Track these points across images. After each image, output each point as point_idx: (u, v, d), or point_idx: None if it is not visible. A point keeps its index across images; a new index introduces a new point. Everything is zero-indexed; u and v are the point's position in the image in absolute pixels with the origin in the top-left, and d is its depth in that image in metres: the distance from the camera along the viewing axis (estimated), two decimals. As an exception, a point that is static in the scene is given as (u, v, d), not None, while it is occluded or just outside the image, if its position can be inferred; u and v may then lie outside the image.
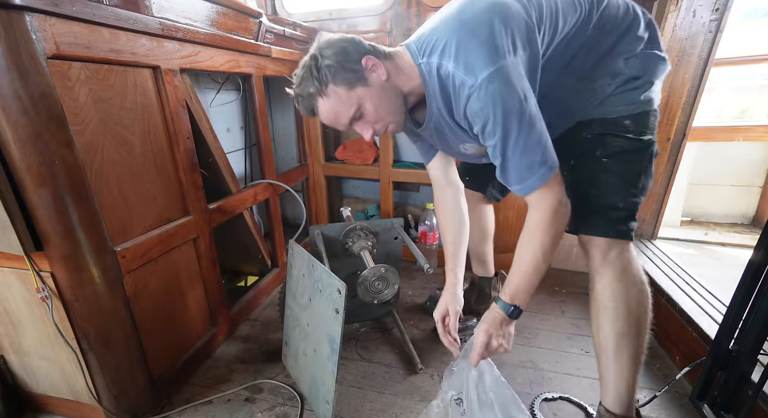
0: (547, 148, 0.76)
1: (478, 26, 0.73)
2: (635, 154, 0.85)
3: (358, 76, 0.82)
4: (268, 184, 1.59)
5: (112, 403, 1.01)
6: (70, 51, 0.80)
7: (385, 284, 1.15)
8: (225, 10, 1.41)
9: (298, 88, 0.85)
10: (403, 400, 1.13)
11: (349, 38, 0.84)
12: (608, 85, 0.84)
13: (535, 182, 0.77)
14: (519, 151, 0.75)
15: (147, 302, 1.05)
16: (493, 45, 0.72)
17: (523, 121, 0.73)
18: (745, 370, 0.92)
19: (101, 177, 0.90)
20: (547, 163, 0.76)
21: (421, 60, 0.82)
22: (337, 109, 0.84)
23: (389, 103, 0.86)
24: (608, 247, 0.87)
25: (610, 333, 0.87)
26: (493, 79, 0.71)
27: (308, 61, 0.83)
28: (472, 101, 0.75)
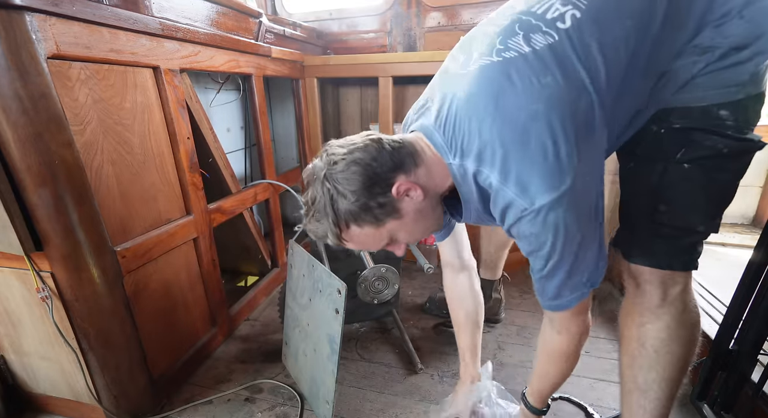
0: (596, 265, 0.64)
1: (529, 133, 0.55)
2: (733, 159, 0.62)
3: (387, 210, 0.64)
4: (268, 184, 1.59)
5: (112, 403, 1.01)
6: (70, 51, 0.80)
7: (385, 284, 1.15)
8: (225, 10, 1.41)
9: (310, 224, 0.67)
10: (403, 400, 1.13)
11: (369, 155, 0.62)
12: (693, 63, 0.60)
13: (570, 302, 0.66)
14: (568, 274, 0.63)
15: (147, 302, 1.05)
16: (555, 163, 0.55)
17: (584, 244, 0.61)
18: (745, 370, 0.92)
19: (101, 177, 0.90)
20: (588, 283, 0.65)
21: (452, 160, 0.65)
22: (364, 245, 0.70)
23: (426, 222, 0.70)
24: (671, 281, 0.70)
25: (658, 379, 0.76)
26: (555, 206, 0.56)
27: (320, 196, 0.63)
28: (523, 224, 0.60)
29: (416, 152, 0.66)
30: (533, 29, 0.58)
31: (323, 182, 0.63)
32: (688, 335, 0.74)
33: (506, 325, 1.45)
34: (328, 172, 0.62)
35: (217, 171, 1.44)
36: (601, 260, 0.65)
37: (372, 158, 0.62)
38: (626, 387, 0.82)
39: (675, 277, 0.71)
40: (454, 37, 1.92)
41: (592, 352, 1.30)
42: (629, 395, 0.81)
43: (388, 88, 1.70)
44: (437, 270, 1.90)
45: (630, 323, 0.78)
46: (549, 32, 0.58)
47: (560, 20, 0.58)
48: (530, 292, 1.67)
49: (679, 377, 0.76)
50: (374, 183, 0.62)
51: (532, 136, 0.55)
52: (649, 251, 0.70)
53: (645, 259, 0.71)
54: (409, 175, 0.65)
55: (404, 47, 2.04)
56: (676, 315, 0.72)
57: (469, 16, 1.90)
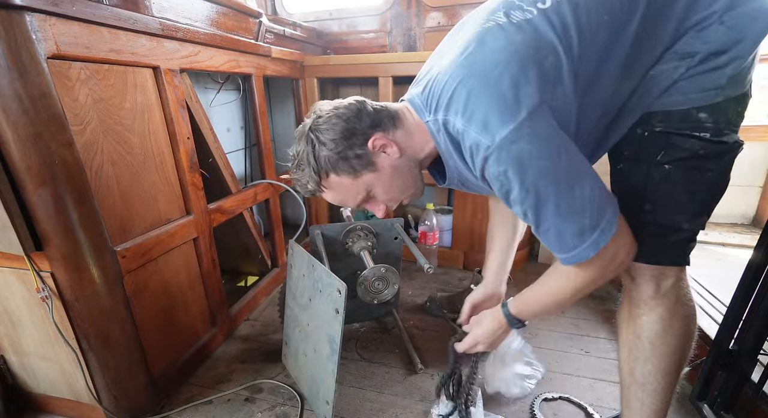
0: (600, 205, 0.60)
1: (491, 72, 0.58)
2: (711, 160, 0.64)
3: (363, 162, 0.70)
4: (268, 184, 1.59)
5: (112, 403, 1.01)
6: (70, 51, 0.80)
7: (385, 284, 1.15)
8: (225, 10, 1.41)
9: (295, 173, 0.74)
10: (403, 400, 1.13)
11: (350, 112, 0.70)
12: (674, 68, 0.62)
13: (587, 251, 0.61)
14: (561, 218, 0.60)
15: (147, 302, 1.05)
16: (513, 94, 0.57)
17: (561, 181, 0.58)
18: (745, 370, 0.92)
19: (101, 177, 0.90)
20: (599, 226, 0.60)
21: (428, 117, 0.69)
22: (342, 197, 0.75)
23: (402, 181, 0.75)
24: (662, 276, 0.72)
25: (653, 371, 0.77)
26: (516, 138, 0.56)
27: (304, 146, 0.71)
28: (490, 165, 0.60)
29: (396, 116, 0.73)
30: (514, 7, 0.63)
31: (307, 134, 0.70)
32: (683, 326, 0.75)
33: (506, 325, 1.45)
34: (312, 125, 0.70)
35: (217, 171, 1.44)
36: (605, 202, 0.61)
37: (353, 114, 0.69)
38: (625, 382, 0.83)
39: (665, 271, 0.72)
40: (454, 37, 1.92)
41: (593, 352, 1.30)
42: (628, 389, 0.82)
43: (388, 88, 1.70)
44: (437, 270, 1.90)
45: (627, 316, 0.80)
46: (528, 10, 0.61)
47: (540, 2, 0.62)
48: (530, 292, 1.67)
49: (676, 369, 0.77)
50: (352, 134, 0.69)
51: (494, 79, 0.58)
52: (640, 248, 0.70)
53: (637, 256, 0.71)
54: (387, 133, 0.71)
55: (404, 47, 2.04)
56: (669, 307, 0.74)
57: (469, 16, 1.90)
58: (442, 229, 1.95)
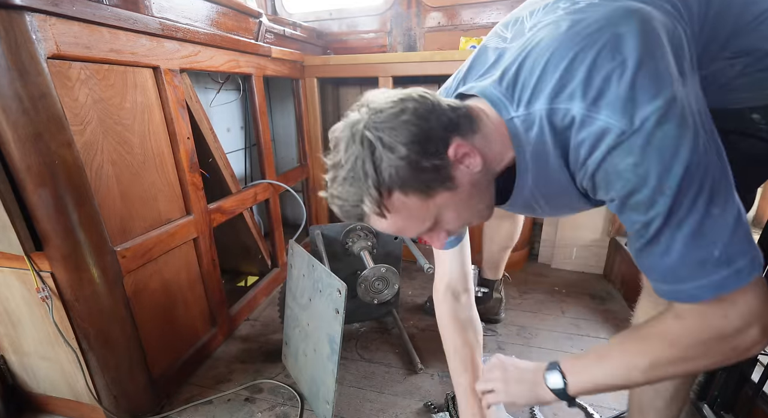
0: (740, 239, 0.45)
1: (619, 37, 0.45)
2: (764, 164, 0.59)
3: (441, 176, 0.52)
4: (268, 184, 1.59)
5: (112, 403, 1.01)
6: (70, 51, 0.80)
7: (385, 284, 1.15)
8: (225, 10, 1.41)
9: (341, 187, 0.52)
10: (403, 400, 1.13)
11: (423, 107, 0.51)
12: (731, 66, 0.55)
13: (700, 292, 0.46)
14: (689, 237, 0.45)
15: (147, 302, 1.05)
16: (654, 65, 0.44)
17: (703, 190, 0.44)
18: (745, 370, 0.92)
19: (101, 177, 0.90)
20: (734, 264, 0.44)
21: (515, 112, 0.53)
22: (403, 225, 0.56)
23: (479, 201, 0.58)
24: None
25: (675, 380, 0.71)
26: (664, 119, 0.43)
27: (358, 150, 0.50)
28: (615, 156, 0.46)
29: (475, 117, 0.55)
30: None
31: (363, 134, 0.50)
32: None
33: (506, 325, 1.45)
34: (370, 122, 0.50)
35: (217, 171, 1.44)
36: (748, 238, 0.45)
37: (428, 110, 0.51)
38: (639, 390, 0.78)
39: None
40: (454, 37, 1.92)
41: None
42: (640, 395, 0.79)
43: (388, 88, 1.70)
44: (437, 270, 1.90)
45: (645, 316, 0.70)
46: None
47: None
48: (530, 292, 1.67)
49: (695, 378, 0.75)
50: (429, 138, 0.50)
51: (627, 44, 0.45)
52: None
53: None
54: (467, 139, 0.54)
55: (404, 47, 2.04)
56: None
57: (469, 16, 1.90)
58: (442, 229, 1.95)
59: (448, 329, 0.89)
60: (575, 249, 1.82)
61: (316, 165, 1.99)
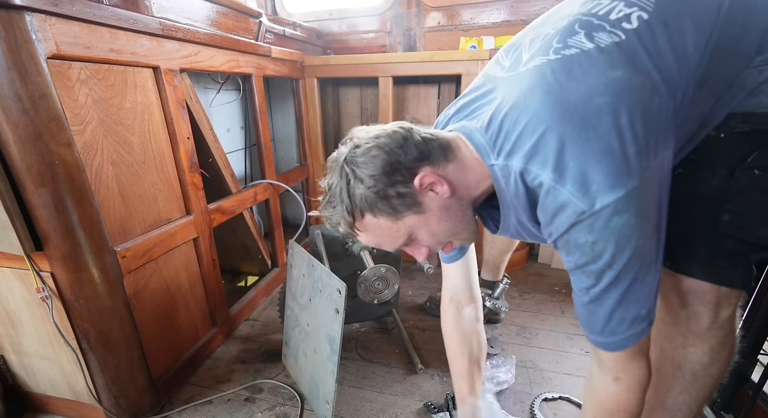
0: (655, 297, 0.55)
1: (592, 118, 0.49)
2: None
3: (407, 202, 0.59)
4: (268, 184, 1.59)
5: (112, 403, 1.01)
6: (70, 51, 0.80)
7: (385, 284, 1.15)
8: (225, 10, 1.41)
9: (325, 210, 0.64)
10: (403, 400, 1.13)
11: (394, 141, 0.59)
12: (759, 72, 0.55)
13: (628, 341, 0.56)
14: (623, 303, 0.54)
15: (147, 302, 1.05)
16: (623, 153, 0.48)
17: (644, 266, 0.52)
18: (745, 370, 0.92)
19: (101, 177, 0.90)
20: (649, 317, 0.55)
21: (495, 160, 0.58)
22: (378, 241, 0.64)
23: (453, 224, 0.64)
24: (725, 302, 0.64)
25: (689, 401, 0.72)
26: (621, 209, 0.48)
27: (337, 180, 0.60)
28: (578, 231, 0.52)
29: (449, 147, 0.62)
30: (596, 28, 0.53)
31: (342, 166, 0.60)
32: (729, 357, 0.70)
33: (506, 325, 1.45)
34: (349, 156, 0.59)
35: (217, 171, 1.44)
36: (657, 291, 0.56)
37: (397, 145, 0.59)
38: (648, 404, 0.74)
39: (730, 297, 0.65)
40: (454, 37, 1.92)
41: (592, 352, 1.30)
42: (651, 413, 0.78)
43: (388, 88, 1.70)
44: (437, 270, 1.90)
45: (664, 341, 0.72)
46: (614, 32, 0.52)
47: (626, 21, 0.53)
48: (530, 292, 1.67)
49: (710, 396, 0.73)
50: (395, 170, 0.58)
51: (597, 131, 0.48)
52: (710, 266, 0.62)
53: (705, 274, 0.63)
54: (437, 168, 0.60)
55: (404, 47, 2.04)
56: (722, 339, 0.67)
57: (469, 16, 1.90)
58: (442, 229, 1.95)
59: (450, 338, 0.94)
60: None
61: (316, 165, 1.99)
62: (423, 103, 1.97)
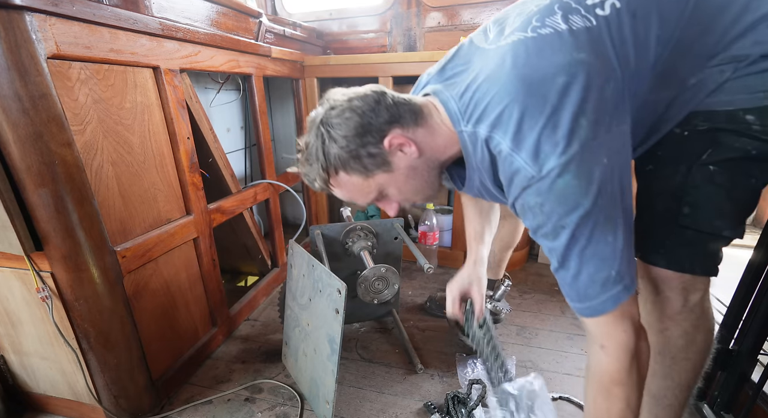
0: (628, 257, 0.57)
1: (550, 95, 0.54)
2: (760, 163, 0.61)
3: (377, 161, 0.65)
4: (268, 184, 1.59)
5: (112, 403, 1.01)
6: (70, 51, 0.80)
7: (385, 284, 1.15)
8: (225, 10, 1.41)
9: (303, 167, 0.70)
10: (403, 400, 1.13)
11: (366, 104, 0.64)
12: (721, 72, 0.59)
13: (605, 305, 0.57)
14: (587, 262, 0.56)
15: (147, 302, 1.05)
16: (570, 126, 0.53)
17: (598, 224, 0.55)
18: (745, 370, 0.92)
19: (101, 177, 0.90)
20: (623, 280, 0.56)
21: (465, 127, 0.63)
22: (351, 196, 0.71)
23: (419, 182, 0.70)
24: (692, 287, 0.69)
25: (673, 386, 0.74)
26: (565, 171, 0.53)
27: (314, 140, 0.66)
28: (529, 194, 0.57)
29: (420, 112, 0.67)
30: (572, 11, 0.58)
31: (318, 127, 0.65)
32: (705, 340, 0.73)
33: (506, 325, 1.45)
34: (324, 117, 0.65)
35: (217, 171, 1.44)
36: (630, 255, 0.58)
37: (369, 108, 0.64)
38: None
39: (696, 283, 0.69)
40: (454, 37, 1.92)
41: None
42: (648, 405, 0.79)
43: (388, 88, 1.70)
44: (437, 270, 1.90)
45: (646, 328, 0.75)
46: (587, 16, 0.57)
47: (599, 7, 0.57)
48: (530, 292, 1.67)
49: (694, 383, 0.75)
50: (367, 131, 0.64)
51: (553, 106, 0.54)
52: (673, 255, 0.67)
53: (668, 262, 0.67)
54: (406, 130, 0.66)
55: (404, 47, 2.04)
56: (695, 321, 0.71)
57: (469, 16, 1.90)
58: (442, 229, 1.95)
59: (467, 208, 1.06)
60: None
61: (316, 165, 1.99)
62: (423, 103, 1.97)
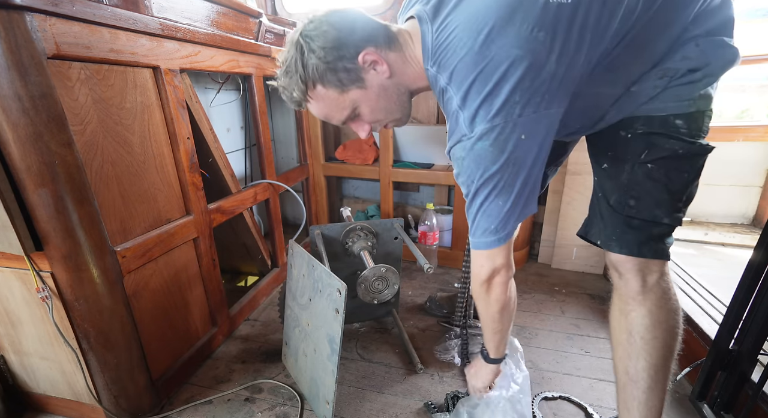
0: (509, 219, 0.69)
1: (492, 70, 0.60)
2: (688, 160, 0.72)
3: (352, 77, 0.71)
4: (268, 184, 1.59)
5: (112, 403, 1.01)
6: (70, 51, 0.80)
7: (385, 284, 1.15)
8: (225, 10, 1.41)
9: (282, 80, 0.74)
10: (403, 400, 1.13)
11: (344, 21, 0.69)
12: (655, 87, 0.70)
13: (480, 245, 0.73)
14: (480, 212, 0.70)
15: (147, 302, 1.05)
16: (504, 99, 0.60)
17: (496, 189, 0.67)
18: (745, 370, 0.92)
19: (101, 177, 0.90)
20: (498, 234, 0.70)
21: (431, 67, 0.69)
22: (327, 112, 0.76)
23: (389, 103, 0.76)
24: (647, 270, 0.77)
25: (647, 367, 0.79)
26: (485, 137, 0.63)
27: (293, 52, 0.70)
28: (457, 148, 0.68)
29: (395, 39, 0.72)
30: None
31: (298, 40, 0.69)
32: (670, 319, 0.79)
33: (506, 325, 1.45)
34: (303, 30, 0.70)
35: (217, 171, 1.44)
36: (511, 223, 0.70)
37: (347, 25, 0.69)
38: (620, 382, 0.84)
39: (650, 265, 0.77)
40: (454, 37, 1.91)
41: (593, 352, 1.30)
42: (623, 389, 0.84)
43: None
44: (437, 270, 1.90)
45: (618, 314, 0.83)
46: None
47: None
48: (530, 292, 1.67)
49: (666, 364, 0.79)
50: (343, 45, 0.68)
51: (497, 79, 0.60)
52: (625, 242, 0.77)
53: (620, 248, 0.77)
54: (380, 51, 0.71)
55: (404, 47, 2.04)
56: (656, 301, 0.78)
57: (469, 16, 1.90)
58: (442, 229, 1.95)
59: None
60: (575, 249, 1.82)
61: (316, 165, 1.99)
62: (423, 103, 1.97)
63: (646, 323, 0.78)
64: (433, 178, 1.83)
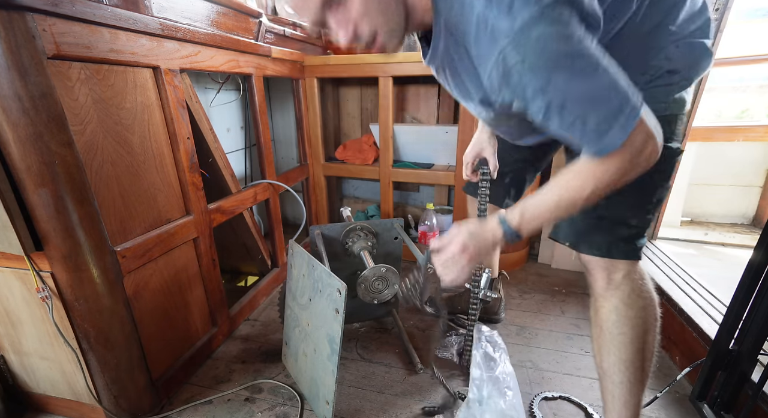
0: (621, 86, 0.55)
1: None
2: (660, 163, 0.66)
3: None
4: (268, 184, 1.59)
5: (112, 403, 1.01)
6: (71, 51, 0.80)
7: (385, 284, 1.15)
8: (225, 10, 1.41)
9: None
10: (403, 400, 1.13)
11: None
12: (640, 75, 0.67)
13: (616, 136, 0.56)
14: (586, 103, 0.55)
15: (147, 302, 1.05)
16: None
17: (585, 63, 0.54)
18: (745, 370, 0.92)
19: (101, 177, 0.90)
20: (628, 106, 0.55)
21: None
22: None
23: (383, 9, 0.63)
24: (612, 268, 0.78)
25: (616, 362, 0.80)
26: (538, 20, 0.52)
27: None
28: (507, 56, 0.55)
29: None
30: None
31: None
32: (638, 317, 0.79)
33: (506, 325, 1.45)
34: None
35: (217, 171, 1.44)
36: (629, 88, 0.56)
37: None
38: (599, 376, 0.86)
39: (616, 264, 0.77)
40: (454, 37, 1.91)
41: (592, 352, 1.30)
42: (601, 383, 0.86)
43: (388, 88, 1.70)
44: (437, 270, 1.89)
45: (591, 309, 0.85)
46: None
47: None
48: (530, 292, 1.67)
49: (638, 360, 0.80)
50: None
51: None
52: (592, 243, 0.77)
53: (588, 249, 0.78)
54: None
55: (404, 47, 2.04)
56: (623, 298, 0.78)
57: (469, 16, 1.90)
58: (442, 229, 1.96)
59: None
60: (575, 249, 1.81)
61: (316, 165, 1.99)
62: (423, 103, 1.97)
63: (613, 319, 0.80)
64: (433, 178, 1.83)
